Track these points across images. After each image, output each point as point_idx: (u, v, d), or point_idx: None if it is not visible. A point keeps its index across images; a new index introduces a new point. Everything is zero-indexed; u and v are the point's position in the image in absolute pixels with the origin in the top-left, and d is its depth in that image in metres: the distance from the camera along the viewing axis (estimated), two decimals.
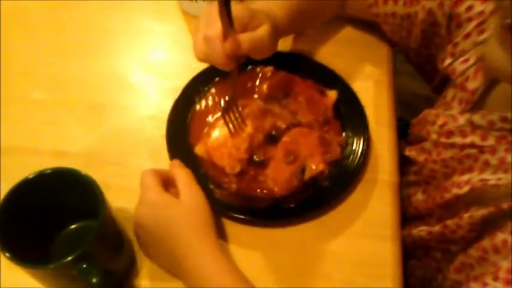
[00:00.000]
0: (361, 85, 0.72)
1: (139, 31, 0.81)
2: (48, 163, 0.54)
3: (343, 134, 0.67)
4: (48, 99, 0.74)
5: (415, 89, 1.67)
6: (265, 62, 0.72)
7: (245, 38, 0.55)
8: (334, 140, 0.65)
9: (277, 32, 0.61)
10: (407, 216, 0.69)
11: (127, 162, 0.67)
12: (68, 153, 0.68)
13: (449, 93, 0.64)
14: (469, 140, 0.58)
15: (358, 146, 0.65)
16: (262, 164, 0.64)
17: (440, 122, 0.63)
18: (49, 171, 0.53)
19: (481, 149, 0.56)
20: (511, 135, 0.54)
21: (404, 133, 0.74)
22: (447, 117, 0.62)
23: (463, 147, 0.59)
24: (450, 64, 0.62)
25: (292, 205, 0.61)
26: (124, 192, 0.61)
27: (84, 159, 0.68)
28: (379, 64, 0.76)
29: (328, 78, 0.71)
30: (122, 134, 0.70)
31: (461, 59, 0.61)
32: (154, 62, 0.78)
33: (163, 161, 0.65)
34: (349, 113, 0.68)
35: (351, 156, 0.64)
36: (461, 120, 0.59)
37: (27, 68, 0.77)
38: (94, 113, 0.72)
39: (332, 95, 0.69)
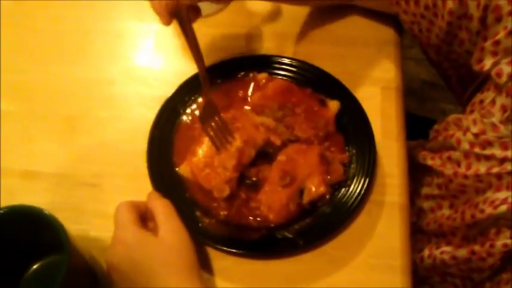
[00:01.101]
0: (366, 92, 0.64)
1: (119, 32, 0.73)
2: (15, 184, 0.48)
3: (347, 150, 0.59)
4: (15, 110, 0.66)
5: (419, 75, 1.60)
6: (258, 68, 0.65)
7: None
8: (336, 158, 0.58)
9: None
10: (425, 233, 0.61)
11: (103, 183, 0.60)
12: (37, 173, 0.61)
13: (488, 97, 0.56)
14: (510, 153, 0.50)
15: (363, 164, 0.58)
16: (255, 186, 0.56)
17: (476, 130, 0.55)
18: (5, 210, 0.46)
19: None
20: None
21: (416, 131, 0.66)
22: (486, 125, 0.54)
23: (502, 161, 0.51)
24: (494, 65, 0.54)
25: (288, 234, 0.54)
26: (99, 218, 0.54)
27: (56, 179, 0.61)
28: (386, 67, 0.68)
29: (328, 86, 0.63)
30: (98, 150, 0.63)
31: (507, 59, 0.53)
32: (136, 67, 0.70)
33: (143, 181, 0.58)
34: (353, 126, 0.60)
35: (355, 177, 0.57)
36: (504, 130, 0.52)
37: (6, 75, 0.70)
38: (67, 126, 0.65)
39: (333, 105, 0.61)
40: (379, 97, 0.65)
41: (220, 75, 0.64)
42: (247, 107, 0.61)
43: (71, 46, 0.72)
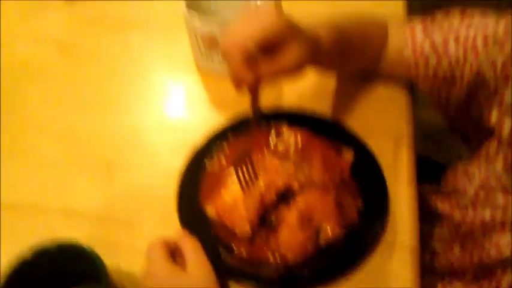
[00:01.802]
0: (379, 141, 0.69)
1: (153, 86, 0.81)
2: (56, 222, 0.54)
3: (360, 196, 0.64)
4: (58, 153, 0.73)
5: (435, 121, 1.64)
6: (280, 118, 0.71)
7: (267, 68, 0.53)
8: (351, 203, 0.63)
9: (317, 55, 0.58)
10: (438, 274, 0.64)
11: (137, 222, 0.66)
12: (77, 211, 0.67)
13: (492, 147, 0.61)
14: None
15: (376, 208, 0.62)
16: (274, 226, 0.61)
17: (480, 177, 0.59)
18: (51, 247, 0.52)
19: None
20: None
21: (432, 174, 0.70)
22: (490, 173, 0.58)
23: (505, 207, 0.55)
24: (498, 120, 0.59)
25: (305, 273, 0.58)
26: (133, 254, 0.59)
27: (94, 218, 0.66)
28: (398, 118, 0.74)
29: (344, 135, 0.69)
30: (131, 192, 0.69)
31: (509, 114, 0.57)
32: (168, 117, 0.77)
33: (173, 221, 0.63)
34: (367, 174, 0.65)
35: (368, 220, 0.61)
36: (506, 179, 0.56)
37: (39, 121, 0.77)
38: (104, 169, 0.71)
39: (348, 155, 0.66)
40: (391, 145, 0.70)
41: (246, 126, 0.70)
42: (269, 153, 0.67)
43: (110, 98, 0.80)
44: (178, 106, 0.79)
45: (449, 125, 0.76)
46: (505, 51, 0.58)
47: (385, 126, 0.72)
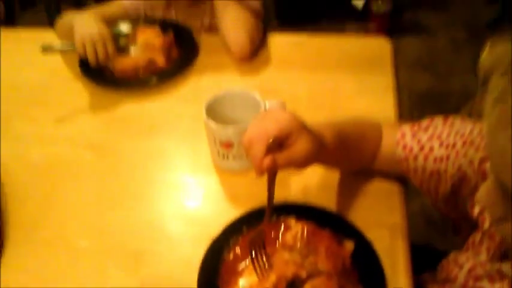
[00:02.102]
0: (376, 233, 0.78)
1: (176, 183, 0.91)
2: None
3: (360, 283, 0.72)
4: (93, 244, 0.82)
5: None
6: (288, 213, 0.80)
7: (281, 158, 0.65)
8: None
9: (321, 150, 0.69)
10: None
11: None
12: None
13: (477, 237, 0.69)
14: (497, 286, 0.62)
15: None
16: None
17: (468, 266, 0.67)
18: None
19: None
20: None
21: (429, 261, 0.78)
22: (476, 262, 0.66)
23: None
24: (480, 213, 0.67)
25: None
26: None
27: None
28: (392, 211, 0.83)
29: (345, 228, 0.78)
30: (158, 280, 0.77)
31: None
32: (189, 212, 0.87)
33: None
34: (366, 263, 0.74)
35: None
36: (490, 267, 0.64)
37: (75, 214, 0.87)
38: (133, 260, 0.80)
39: (349, 245, 0.75)
40: (387, 237, 0.79)
41: (258, 219, 0.80)
42: (279, 245, 0.76)
43: (137, 192, 0.90)
44: (198, 200, 0.89)
45: (441, 216, 0.85)
46: (480, 152, 0.69)
47: (381, 219, 0.81)
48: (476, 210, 0.68)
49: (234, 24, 1.11)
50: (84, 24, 1.09)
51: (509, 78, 0.44)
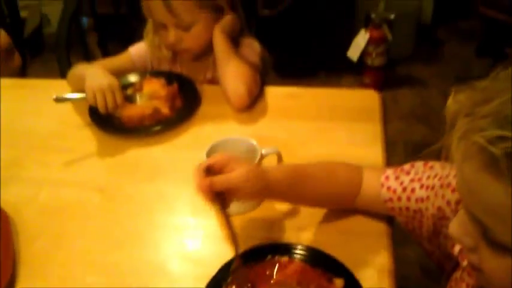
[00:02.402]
0: (365, 273, 0.83)
1: (177, 225, 0.97)
2: None
3: None
4: (98, 282, 0.87)
5: None
6: (281, 253, 0.85)
7: (218, 178, 0.77)
8: None
9: (265, 182, 0.80)
10: None
11: None
12: None
13: (458, 274, 0.75)
14: None
15: None
16: None
17: None
18: None
19: None
20: None
21: None
22: None
23: None
24: (460, 251, 0.72)
25: None
26: None
27: None
28: (381, 252, 0.88)
29: (335, 267, 0.83)
30: None
31: None
32: (189, 252, 0.92)
33: None
34: None
35: None
36: None
37: (83, 254, 0.92)
38: None
39: (339, 283, 0.80)
40: (375, 277, 0.84)
41: (253, 258, 0.85)
42: (273, 282, 0.81)
43: (141, 233, 0.95)
44: (198, 241, 0.94)
45: (426, 255, 0.90)
46: (457, 193, 0.75)
47: (370, 260, 0.87)
48: (456, 249, 0.74)
49: (233, 76, 1.20)
50: (95, 76, 1.18)
51: (471, 118, 0.50)
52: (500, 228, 0.51)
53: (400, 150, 2.27)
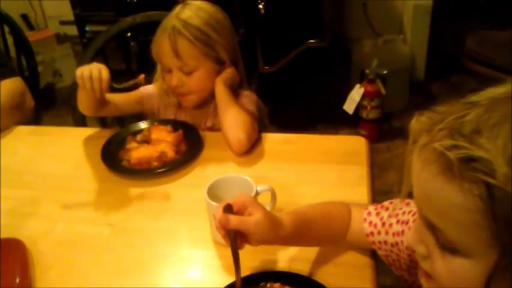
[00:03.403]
0: None
1: (180, 256, 1.06)
2: None
3: None
4: None
5: None
6: (274, 280, 0.94)
7: (233, 218, 0.84)
8: None
9: (277, 229, 0.87)
10: None
11: None
12: None
13: None
14: None
15: None
16: None
17: None
18: None
19: None
20: None
21: None
22: None
23: None
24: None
25: None
26: None
27: None
28: (365, 281, 0.96)
29: None
30: None
31: None
32: (190, 279, 1.01)
33: None
34: None
35: None
36: None
37: (92, 282, 1.00)
38: None
39: None
40: None
41: (249, 285, 0.94)
42: None
43: (145, 263, 1.04)
44: (199, 271, 1.03)
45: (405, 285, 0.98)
46: None
47: (354, 286, 0.95)
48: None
49: (234, 124, 1.32)
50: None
51: (431, 133, 0.58)
52: (451, 229, 0.58)
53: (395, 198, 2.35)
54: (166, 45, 1.35)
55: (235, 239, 0.85)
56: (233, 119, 1.32)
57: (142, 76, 1.35)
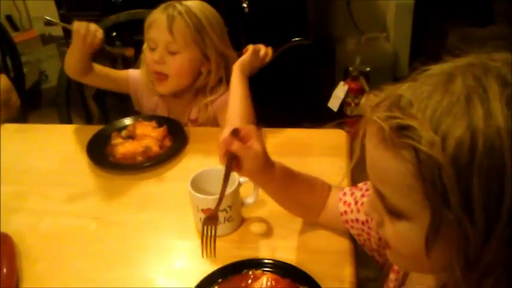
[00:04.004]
0: (328, 283, 0.94)
1: (165, 247, 1.09)
2: None
3: None
4: None
5: None
6: (257, 267, 0.97)
7: (236, 142, 0.90)
8: None
9: (268, 166, 0.95)
10: None
11: None
12: None
13: (388, 278, 0.88)
14: None
15: None
16: None
17: None
18: None
19: None
20: None
21: None
22: None
23: None
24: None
25: None
26: None
27: None
28: (344, 266, 0.99)
29: (302, 278, 0.94)
30: None
31: None
32: (175, 269, 1.04)
33: None
34: None
35: None
36: None
37: (79, 274, 1.03)
38: None
39: None
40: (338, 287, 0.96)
41: (232, 272, 0.97)
42: None
43: (131, 254, 1.07)
44: (182, 261, 1.06)
45: (380, 268, 1.02)
46: None
47: (334, 273, 0.98)
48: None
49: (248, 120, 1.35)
50: None
51: (373, 109, 0.63)
52: (392, 194, 0.63)
53: None
54: (163, 19, 1.37)
55: (232, 160, 0.92)
56: (246, 116, 1.36)
57: (132, 50, 1.38)
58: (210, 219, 1.00)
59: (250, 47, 1.39)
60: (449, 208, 0.56)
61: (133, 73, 1.55)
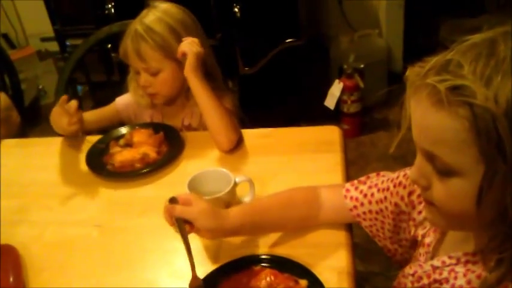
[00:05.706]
0: (327, 275, 0.96)
1: (166, 249, 1.11)
2: None
3: None
4: None
5: None
6: (255, 263, 0.99)
7: (178, 206, 0.95)
8: None
9: (221, 220, 0.97)
10: None
11: None
12: None
13: (417, 252, 0.91)
14: (432, 278, 0.82)
15: None
16: None
17: (411, 271, 0.87)
18: None
19: (440, 282, 0.80)
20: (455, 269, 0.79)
21: None
22: (416, 266, 0.87)
23: (429, 285, 0.82)
24: (415, 231, 0.90)
25: None
26: None
27: None
28: (341, 258, 1.01)
29: (300, 271, 0.96)
30: None
31: (421, 226, 0.90)
32: (176, 269, 1.06)
33: None
34: None
35: None
36: (426, 266, 0.84)
37: (83, 278, 1.06)
38: None
39: (303, 283, 0.94)
40: (335, 279, 0.97)
41: (232, 269, 0.99)
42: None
43: (137, 258, 1.09)
44: (183, 261, 1.07)
45: (390, 257, 1.04)
46: (408, 187, 0.93)
47: (331, 264, 1.00)
48: (412, 231, 0.92)
49: (224, 124, 1.35)
50: None
51: (422, 76, 0.68)
52: (446, 152, 0.66)
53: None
54: (131, 48, 1.41)
55: (183, 224, 0.95)
56: (220, 120, 1.35)
57: None
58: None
59: (184, 49, 1.37)
60: (504, 157, 0.61)
61: (120, 100, 1.59)
